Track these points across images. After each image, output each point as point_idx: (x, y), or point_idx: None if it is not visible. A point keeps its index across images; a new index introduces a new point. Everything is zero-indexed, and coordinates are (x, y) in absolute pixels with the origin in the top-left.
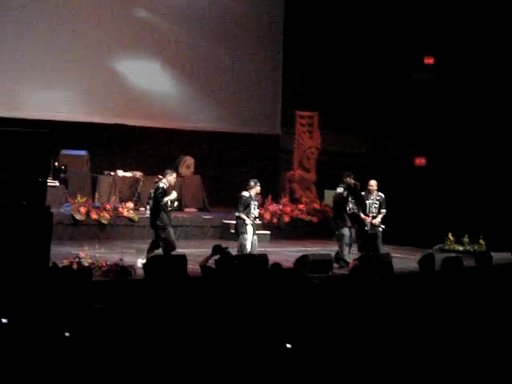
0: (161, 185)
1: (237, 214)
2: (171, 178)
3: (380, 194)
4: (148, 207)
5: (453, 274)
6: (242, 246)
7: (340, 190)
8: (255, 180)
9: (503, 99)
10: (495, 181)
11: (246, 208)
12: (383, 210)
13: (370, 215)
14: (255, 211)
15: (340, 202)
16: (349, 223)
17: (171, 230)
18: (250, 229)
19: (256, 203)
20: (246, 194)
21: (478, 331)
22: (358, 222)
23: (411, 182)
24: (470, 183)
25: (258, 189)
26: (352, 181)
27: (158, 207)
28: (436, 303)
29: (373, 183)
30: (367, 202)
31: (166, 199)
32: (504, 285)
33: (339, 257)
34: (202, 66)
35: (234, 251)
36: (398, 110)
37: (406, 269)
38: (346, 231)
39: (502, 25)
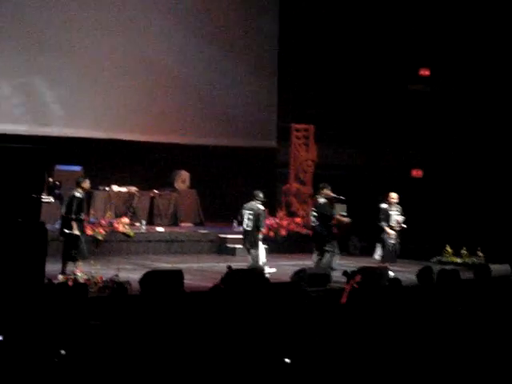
0: (76, 194)
1: (249, 228)
2: (86, 185)
3: (398, 205)
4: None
5: (449, 286)
6: (255, 258)
7: (322, 200)
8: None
9: (498, 110)
10: (493, 192)
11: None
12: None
13: (395, 227)
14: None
15: (327, 212)
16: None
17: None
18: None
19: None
20: (261, 207)
21: (478, 343)
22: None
23: (408, 193)
24: (468, 195)
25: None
26: (331, 193)
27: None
28: (435, 316)
29: (394, 196)
30: (390, 213)
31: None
32: (503, 297)
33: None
34: (196, 81)
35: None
36: (394, 122)
37: (404, 282)
38: (335, 242)
39: (496, 36)
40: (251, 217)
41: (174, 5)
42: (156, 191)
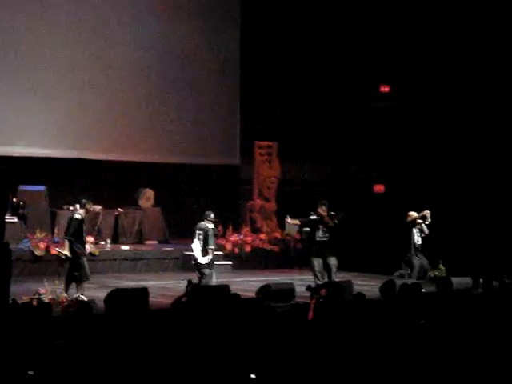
0: (75, 216)
1: (212, 247)
2: (89, 206)
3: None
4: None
5: (412, 299)
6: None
7: (313, 217)
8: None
9: (459, 125)
10: (454, 206)
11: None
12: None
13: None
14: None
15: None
16: (316, 252)
17: (85, 260)
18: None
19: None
20: (210, 225)
21: (441, 355)
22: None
23: (370, 208)
24: (429, 209)
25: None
26: (324, 213)
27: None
28: (398, 329)
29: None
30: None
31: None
32: (464, 309)
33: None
34: (159, 99)
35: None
36: (357, 138)
37: (367, 296)
38: (315, 261)
39: (455, 52)
40: (201, 236)
41: (139, 26)
42: (120, 209)
